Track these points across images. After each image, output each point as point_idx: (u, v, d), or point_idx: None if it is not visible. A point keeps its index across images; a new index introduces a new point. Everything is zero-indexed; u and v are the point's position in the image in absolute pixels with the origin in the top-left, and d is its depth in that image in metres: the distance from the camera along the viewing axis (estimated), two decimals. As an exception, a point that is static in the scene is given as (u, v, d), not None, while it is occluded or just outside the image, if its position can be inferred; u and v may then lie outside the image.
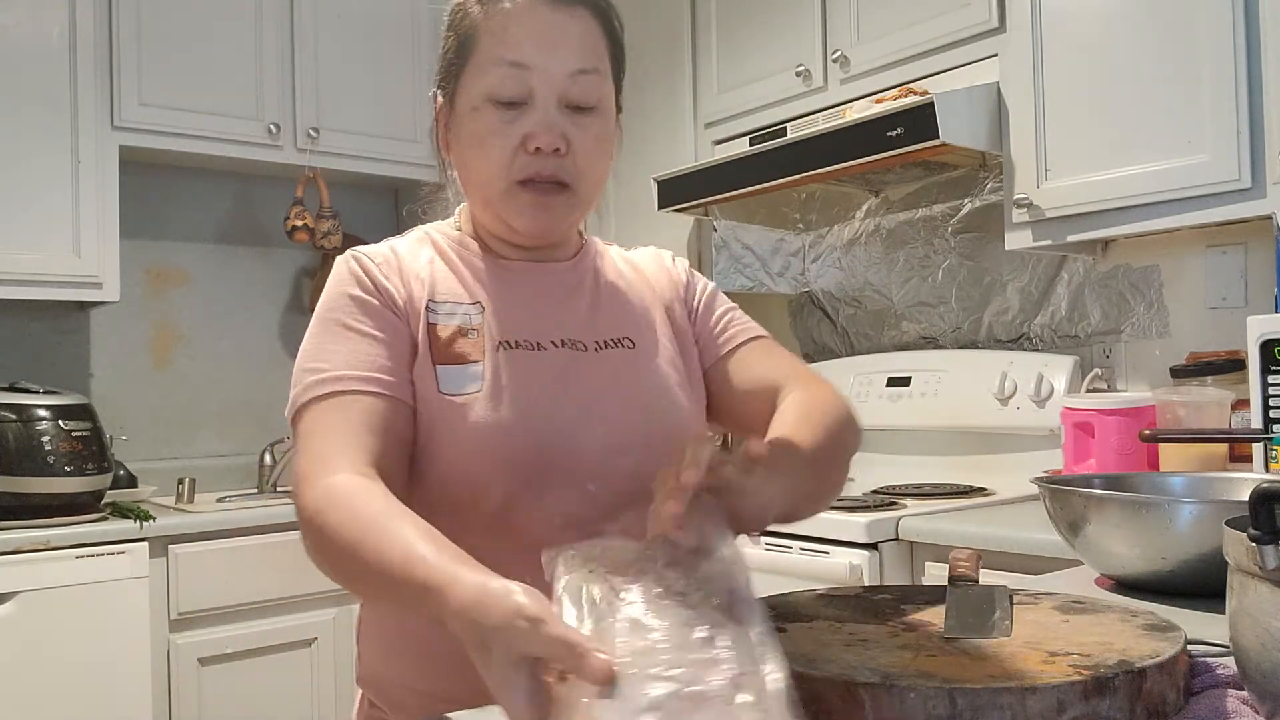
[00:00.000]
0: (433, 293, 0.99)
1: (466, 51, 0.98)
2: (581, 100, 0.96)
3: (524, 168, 0.95)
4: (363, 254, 1.01)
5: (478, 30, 0.97)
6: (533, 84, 0.95)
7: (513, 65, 0.94)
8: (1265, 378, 1.62)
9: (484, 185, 0.99)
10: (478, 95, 0.96)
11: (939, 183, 2.58)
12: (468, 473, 0.93)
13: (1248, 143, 1.72)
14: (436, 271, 1.01)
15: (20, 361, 2.78)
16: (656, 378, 1.03)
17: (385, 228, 3.44)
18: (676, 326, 1.09)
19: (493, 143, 0.95)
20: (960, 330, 2.56)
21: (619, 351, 1.02)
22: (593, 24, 0.98)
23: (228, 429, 3.13)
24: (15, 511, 2.23)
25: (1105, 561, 1.12)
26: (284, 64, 2.89)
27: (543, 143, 0.94)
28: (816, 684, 0.67)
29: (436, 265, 1.02)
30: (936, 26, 2.20)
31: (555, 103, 0.95)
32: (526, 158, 0.95)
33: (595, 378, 1.00)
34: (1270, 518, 0.63)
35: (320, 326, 0.97)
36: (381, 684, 1.03)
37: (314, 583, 2.57)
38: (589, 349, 1.01)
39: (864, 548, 1.84)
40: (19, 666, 2.17)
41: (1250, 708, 0.68)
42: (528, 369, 0.97)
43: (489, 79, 0.95)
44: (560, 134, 0.95)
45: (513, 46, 0.95)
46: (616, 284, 1.08)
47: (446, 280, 1.00)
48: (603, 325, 1.03)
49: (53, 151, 2.53)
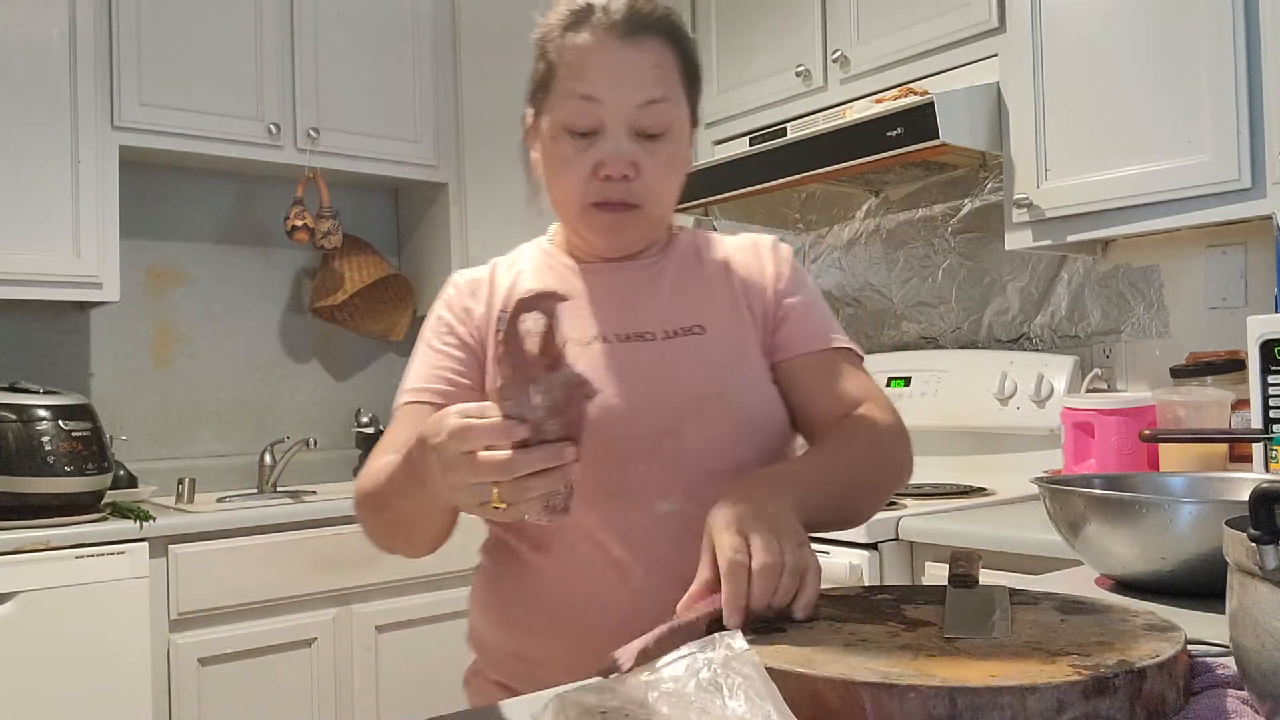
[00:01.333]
0: (506, 303, 1.10)
1: (548, 82, 1.08)
2: (650, 128, 1.04)
3: (596, 192, 1.05)
4: (458, 276, 1.18)
5: (557, 63, 1.06)
6: (603, 115, 1.03)
7: (584, 99, 1.03)
8: (1265, 378, 1.62)
9: (564, 205, 1.09)
10: (556, 125, 1.06)
11: (939, 183, 2.58)
12: None
13: (1247, 143, 1.72)
14: (519, 282, 1.13)
15: (20, 361, 2.78)
16: (720, 362, 1.08)
17: (385, 228, 3.46)
18: (755, 315, 1.12)
19: (569, 169, 1.05)
20: (960, 330, 2.56)
21: (687, 339, 1.08)
22: (664, 52, 1.05)
23: (228, 429, 3.13)
24: (15, 511, 2.23)
25: (1105, 561, 1.12)
26: (284, 64, 2.89)
27: (612, 170, 1.03)
28: (816, 684, 0.67)
29: (521, 277, 1.14)
30: (936, 26, 2.20)
31: (625, 132, 1.04)
32: (598, 183, 1.04)
33: (657, 365, 1.06)
34: (1270, 518, 0.63)
35: (418, 342, 1.15)
36: (485, 647, 1.14)
37: (314, 583, 2.58)
38: (656, 338, 1.08)
39: (864, 548, 1.84)
40: (19, 666, 2.17)
41: (1250, 708, 0.68)
42: (587, 362, 1.04)
43: (564, 111, 1.05)
44: (629, 161, 1.03)
45: (585, 81, 1.03)
46: (699, 273, 1.14)
47: (526, 288, 1.11)
48: (675, 315, 1.10)
49: (53, 151, 2.52)
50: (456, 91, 3.19)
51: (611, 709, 0.64)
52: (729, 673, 0.64)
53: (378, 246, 3.31)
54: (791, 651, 0.73)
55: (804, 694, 0.66)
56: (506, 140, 3.24)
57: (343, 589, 2.60)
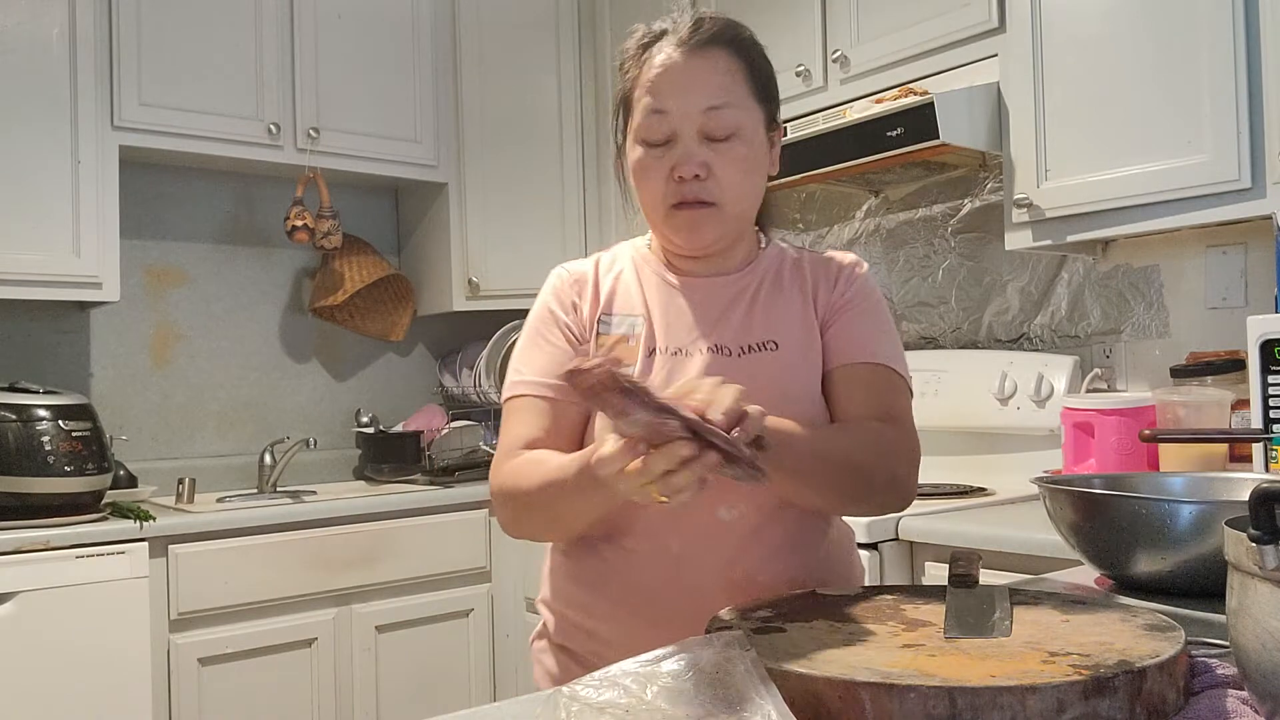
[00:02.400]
0: (608, 305, 1.21)
1: (629, 101, 1.18)
2: (717, 131, 1.13)
3: (674, 193, 1.15)
4: (563, 270, 1.26)
5: (634, 84, 1.17)
6: (674, 125, 1.14)
7: (656, 112, 1.14)
8: (1265, 378, 1.62)
9: (650, 210, 1.19)
10: (636, 138, 1.17)
11: (939, 183, 2.58)
12: None
13: (1247, 143, 1.72)
14: (618, 286, 1.23)
15: (20, 361, 2.78)
16: (791, 378, 1.16)
17: (385, 228, 3.46)
18: (819, 329, 1.20)
19: (650, 176, 1.16)
20: (960, 330, 2.56)
21: (762, 355, 1.17)
22: (730, 62, 1.15)
23: (228, 429, 3.13)
24: (15, 511, 2.23)
25: (1105, 561, 1.12)
26: (284, 64, 2.89)
27: (684, 172, 1.13)
28: (816, 684, 0.67)
29: (620, 280, 1.23)
30: (936, 26, 2.20)
31: (695, 137, 1.13)
32: (674, 185, 1.14)
33: (731, 379, 1.08)
34: (1270, 518, 0.63)
35: (527, 331, 1.23)
36: (556, 614, 1.21)
37: (314, 582, 2.58)
38: (734, 354, 1.16)
39: (864, 548, 1.84)
40: (19, 666, 2.17)
41: (1250, 708, 0.68)
42: (671, 371, 1.14)
43: (641, 125, 1.16)
44: (700, 162, 1.13)
45: (656, 96, 1.14)
46: (780, 290, 1.22)
47: (625, 294, 1.22)
48: (754, 330, 1.18)
49: (53, 151, 2.53)
50: (456, 91, 3.19)
51: (611, 704, 0.64)
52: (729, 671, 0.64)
53: (378, 246, 3.31)
54: (791, 651, 0.73)
55: (804, 694, 0.66)
56: (506, 140, 3.24)
57: (343, 589, 2.60)
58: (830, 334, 1.20)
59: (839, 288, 1.22)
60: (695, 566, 1.10)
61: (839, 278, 1.23)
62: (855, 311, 1.21)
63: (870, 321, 1.22)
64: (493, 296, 3.20)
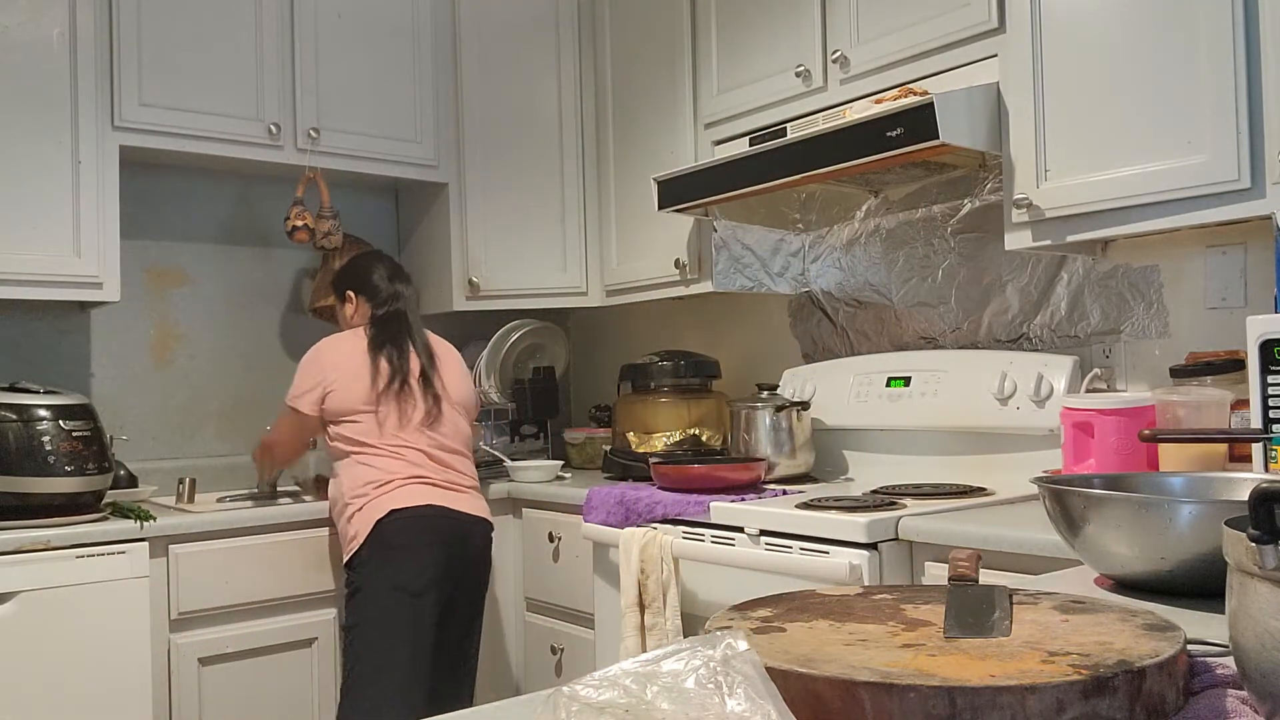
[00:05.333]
0: None
1: None
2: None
3: None
4: None
5: None
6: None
7: None
8: (1265, 378, 1.62)
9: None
10: None
11: (939, 183, 2.58)
12: None
13: (1247, 143, 1.72)
14: None
15: (20, 361, 2.78)
16: None
17: (385, 228, 3.46)
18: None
19: None
20: (960, 330, 2.56)
21: None
22: None
23: (228, 429, 3.14)
24: (15, 511, 2.23)
25: (1105, 561, 1.12)
26: (284, 64, 2.89)
27: None
28: (816, 684, 0.67)
29: None
30: (936, 27, 2.20)
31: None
32: None
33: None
34: (1270, 518, 0.63)
35: None
36: None
37: (314, 582, 2.58)
38: None
39: (864, 548, 1.84)
40: (19, 666, 2.17)
41: (1250, 708, 0.68)
42: None
43: None
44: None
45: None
46: None
47: None
48: None
49: (53, 152, 2.53)
50: (456, 91, 3.20)
51: (611, 704, 0.64)
52: (729, 671, 0.64)
53: (378, 246, 3.31)
54: (791, 652, 0.73)
55: (804, 694, 0.67)
56: (507, 140, 3.25)
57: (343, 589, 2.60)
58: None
59: None
60: None
61: None
62: None
63: None
64: (493, 296, 3.20)
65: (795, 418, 2.61)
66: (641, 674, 0.66)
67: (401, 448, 2.51)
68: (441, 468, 2.54)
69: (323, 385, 2.55)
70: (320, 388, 2.55)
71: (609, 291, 3.17)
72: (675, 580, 2.13)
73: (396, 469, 2.48)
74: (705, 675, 0.64)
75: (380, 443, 2.50)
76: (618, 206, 3.12)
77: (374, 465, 2.48)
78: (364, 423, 2.53)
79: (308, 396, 2.56)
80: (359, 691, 2.33)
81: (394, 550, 2.39)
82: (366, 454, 2.50)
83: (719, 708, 0.61)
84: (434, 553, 2.42)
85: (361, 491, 2.45)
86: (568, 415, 3.74)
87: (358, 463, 2.50)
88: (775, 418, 2.60)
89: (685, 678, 0.64)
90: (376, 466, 2.48)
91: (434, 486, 2.50)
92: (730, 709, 0.61)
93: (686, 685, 0.64)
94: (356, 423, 2.53)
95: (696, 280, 2.82)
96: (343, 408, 2.54)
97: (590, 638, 2.62)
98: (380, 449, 2.50)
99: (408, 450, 2.51)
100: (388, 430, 2.52)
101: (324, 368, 2.58)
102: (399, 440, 2.51)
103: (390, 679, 2.33)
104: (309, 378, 2.58)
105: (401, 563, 2.39)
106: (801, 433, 2.62)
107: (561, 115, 3.21)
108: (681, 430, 2.89)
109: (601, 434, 3.25)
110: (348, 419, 2.53)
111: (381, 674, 2.33)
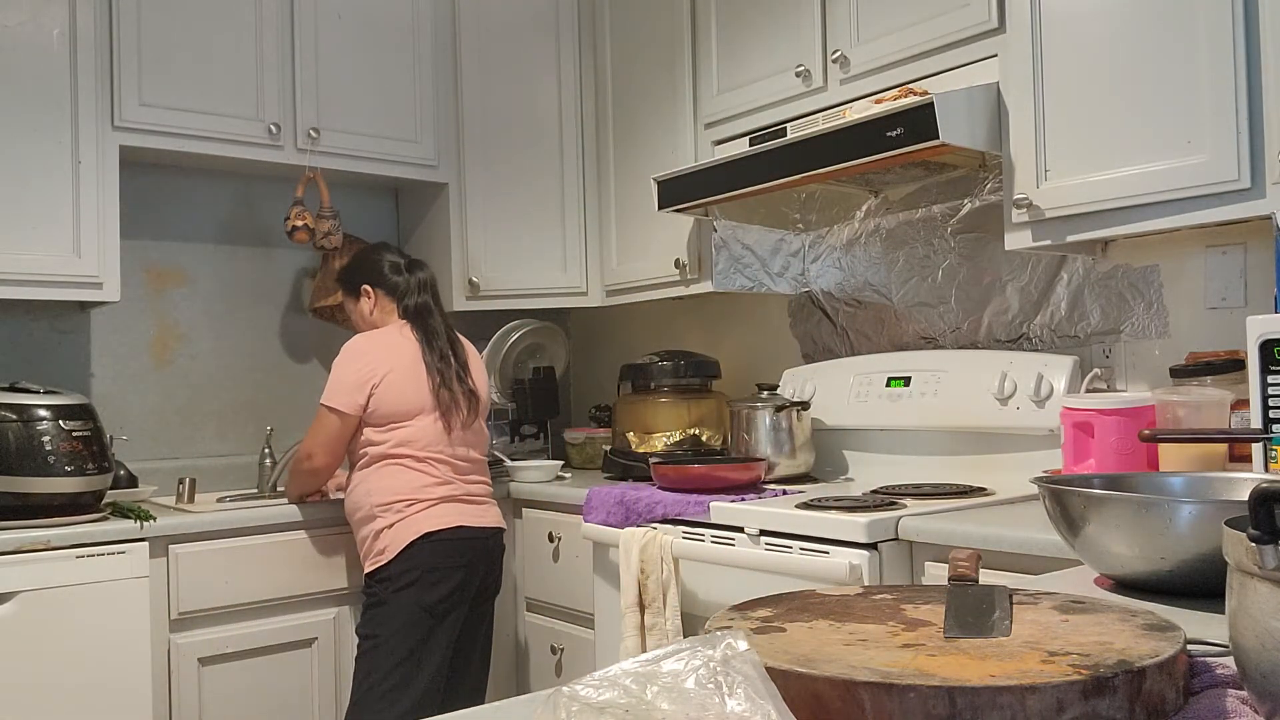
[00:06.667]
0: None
1: None
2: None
3: None
4: None
5: None
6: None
7: None
8: (1265, 378, 1.62)
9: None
10: None
11: (939, 183, 2.58)
12: None
13: (1247, 143, 1.72)
14: None
15: (20, 361, 2.78)
16: None
17: (385, 228, 3.46)
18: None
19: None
20: (960, 330, 2.56)
21: None
22: None
23: (228, 429, 3.14)
24: (15, 511, 2.23)
25: (1105, 561, 1.12)
26: (284, 64, 2.89)
27: None
28: (816, 684, 0.67)
29: None
30: (936, 27, 2.20)
31: None
32: None
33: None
34: (1270, 518, 0.63)
35: None
36: None
37: (314, 582, 2.58)
38: None
39: (864, 548, 1.84)
40: (19, 666, 2.17)
41: (1250, 708, 0.68)
42: None
43: None
44: None
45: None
46: None
47: None
48: None
49: (53, 152, 2.53)
50: (456, 91, 3.20)
51: (611, 704, 0.64)
52: (729, 671, 0.64)
53: (378, 246, 3.32)
54: (791, 652, 0.73)
55: (804, 694, 0.67)
56: (506, 140, 3.25)
57: (343, 589, 2.60)
58: None
59: None
60: None
61: None
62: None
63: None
64: (493, 296, 3.20)
65: (795, 418, 2.62)
66: (641, 674, 0.66)
67: (432, 459, 2.41)
68: (465, 481, 2.47)
69: (371, 382, 2.39)
70: (368, 385, 2.39)
71: (609, 291, 3.17)
72: (675, 580, 2.13)
73: (426, 484, 2.39)
74: (705, 675, 0.64)
75: (418, 451, 2.40)
76: (618, 206, 3.12)
77: (403, 478, 2.38)
78: (410, 428, 2.40)
79: (353, 397, 2.39)
80: (372, 707, 2.30)
81: (424, 573, 2.33)
82: (397, 464, 2.40)
83: (719, 708, 0.61)
84: (461, 575, 2.38)
85: (392, 506, 2.37)
86: (568, 415, 3.74)
87: (386, 472, 2.40)
88: (775, 418, 2.60)
89: (685, 678, 0.64)
90: (406, 480, 2.38)
91: (460, 503, 2.43)
92: (730, 709, 0.61)
93: (686, 685, 0.64)
94: (402, 427, 2.40)
95: (696, 280, 2.82)
96: (393, 410, 2.40)
97: (590, 638, 2.62)
98: (415, 458, 2.40)
99: (437, 463, 2.42)
100: (430, 437, 2.41)
101: (373, 364, 2.41)
102: (434, 450, 2.41)
103: (407, 696, 2.31)
104: (354, 373, 2.40)
105: (430, 586, 2.34)
106: (801, 433, 2.62)
107: (561, 115, 3.21)
108: (681, 430, 2.89)
109: (601, 434, 3.25)
110: (395, 424, 2.41)
111: (397, 692, 2.30)
